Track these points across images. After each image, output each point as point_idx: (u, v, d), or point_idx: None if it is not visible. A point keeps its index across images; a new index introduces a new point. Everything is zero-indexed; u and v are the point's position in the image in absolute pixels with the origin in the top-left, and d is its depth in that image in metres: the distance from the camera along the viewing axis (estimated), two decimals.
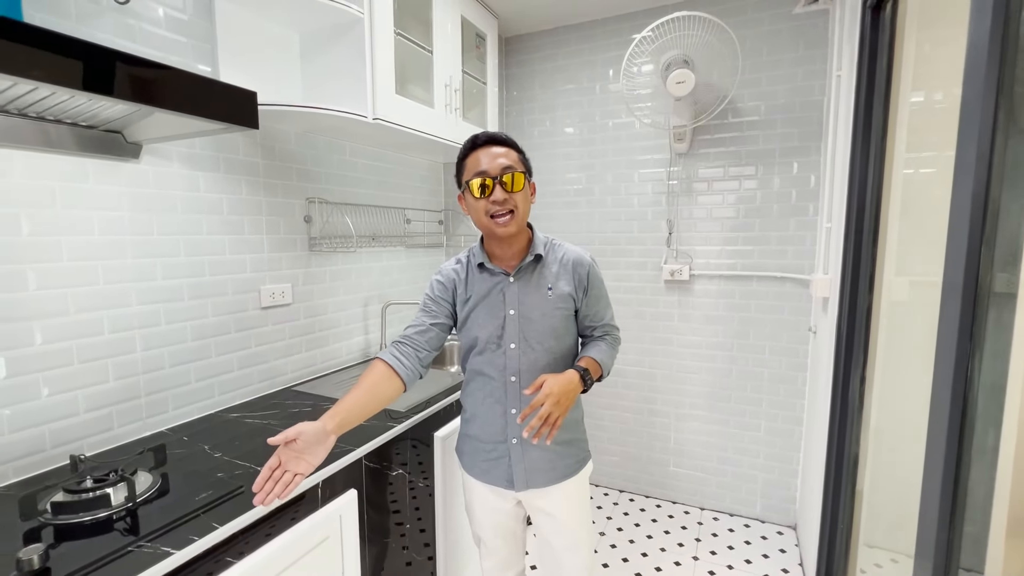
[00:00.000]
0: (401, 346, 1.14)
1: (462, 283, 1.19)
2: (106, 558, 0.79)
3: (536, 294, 1.14)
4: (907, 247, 1.49)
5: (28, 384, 1.07)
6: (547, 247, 1.18)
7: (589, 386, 1.12)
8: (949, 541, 0.97)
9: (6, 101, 0.91)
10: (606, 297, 1.23)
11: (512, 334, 1.13)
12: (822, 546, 1.72)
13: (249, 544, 0.94)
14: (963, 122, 0.86)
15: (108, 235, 1.19)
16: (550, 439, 1.04)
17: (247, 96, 1.00)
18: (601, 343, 1.21)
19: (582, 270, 1.17)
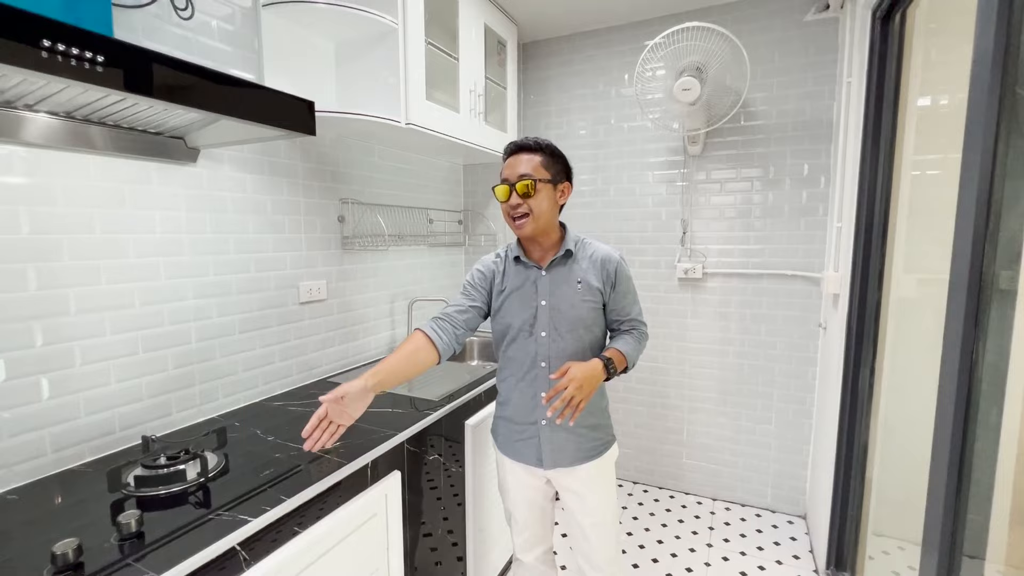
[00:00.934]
0: (440, 322, 1.24)
1: (500, 274, 1.29)
2: (191, 524, 0.88)
3: (566, 286, 1.23)
4: (915, 245, 1.57)
5: (99, 372, 1.16)
6: (578, 245, 1.27)
7: (612, 375, 1.20)
8: (954, 530, 1.04)
9: (91, 111, 0.99)
10: (633, 293, 1.30)
11: (543, 323, 1.23)
12: (832, 533, 1.80)
13: (306, 517, 1.02)
14: (969, 125, 0.94)
15: (168, 233, 1.28)
16: (572, 420, 1.13)
17: (306, 106, 1.09)
18: (627, 336, 1.28)
19: (610, 266, 1.25)
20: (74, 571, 0.75)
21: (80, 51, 0.70)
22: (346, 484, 1.11)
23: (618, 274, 1.25)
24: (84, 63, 0.71)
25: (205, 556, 0.81)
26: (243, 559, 0.88)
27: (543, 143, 1.22)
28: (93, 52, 0.71)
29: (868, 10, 1.59)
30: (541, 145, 1.22)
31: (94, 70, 0.72)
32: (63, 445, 1.10)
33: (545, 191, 1.20)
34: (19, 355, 1.03)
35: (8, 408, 1.01)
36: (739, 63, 1.98)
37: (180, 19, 1.22)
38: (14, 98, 0.89)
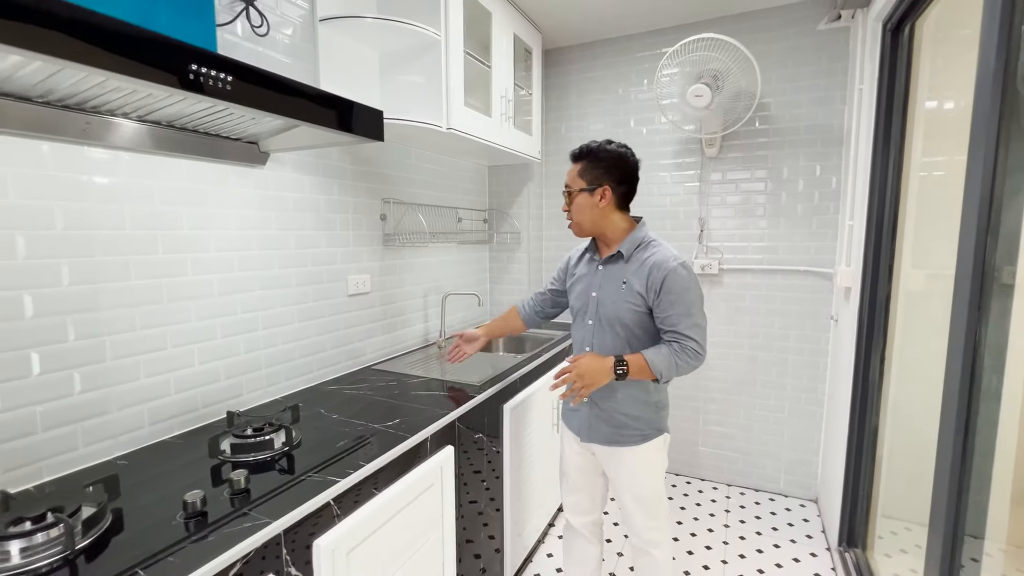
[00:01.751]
0: (530, 299, 1.64)
1: (575, 262, 1.49)
2: (288, 483, 1.00)
3: (612, 284, 1.35)
4: (922, 242, 1.68)
5: (185, 354, 1.29)
6: (638, 247, 1.32)
7: (620, 375, 1.25)
8: (957, 510, 1.15)
9: (188, 120, 1.12)
10: (684, 305, 1.25)
11: (591, 312, 1.37)
12: (844, 512, 1.91)
13: (380, 482, 1.14)
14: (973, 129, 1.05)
15: (240, 230, 1.40)
16: (574, 403, 1.38)
17: (377, 114, 1.21)
18: (663, 347, 1.28)
19: (657, 274, 1.26)
20: (201, 517, 0.87)
21: (216, 73, 0.82)
22: (409, 455, 1.23)
23: (665, 283, 1.24)
24: (218, 83, 0.83)
25: (308, 508, 0.93)
26: (335, 513, 1.00)
27: (585, 149, 1.33)
28: (226, 73, 0.84)
29: (879, 22, 1.71)
30: (583, 152, 1.34)
31: (225, 88, 0.85)
32: (157, 419, 1.23)
33: (581, 199, 1.33)
34: (121, 338, 1.15)
35: (112, 385, 1.14)
36: (751, 71, 2.10)
37: (256, 36, 1.35)
38: (117, 107, 1.02)
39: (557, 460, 2.18)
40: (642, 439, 1.38)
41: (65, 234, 1.04)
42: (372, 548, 1.08)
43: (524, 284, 2.72)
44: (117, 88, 0.87)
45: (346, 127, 1.13)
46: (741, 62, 2.08)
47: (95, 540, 0.81)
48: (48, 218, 1.01)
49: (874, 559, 1.85)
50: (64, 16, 0.66)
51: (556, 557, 2.02)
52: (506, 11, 2.15)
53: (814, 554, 2.01)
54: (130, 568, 0.74)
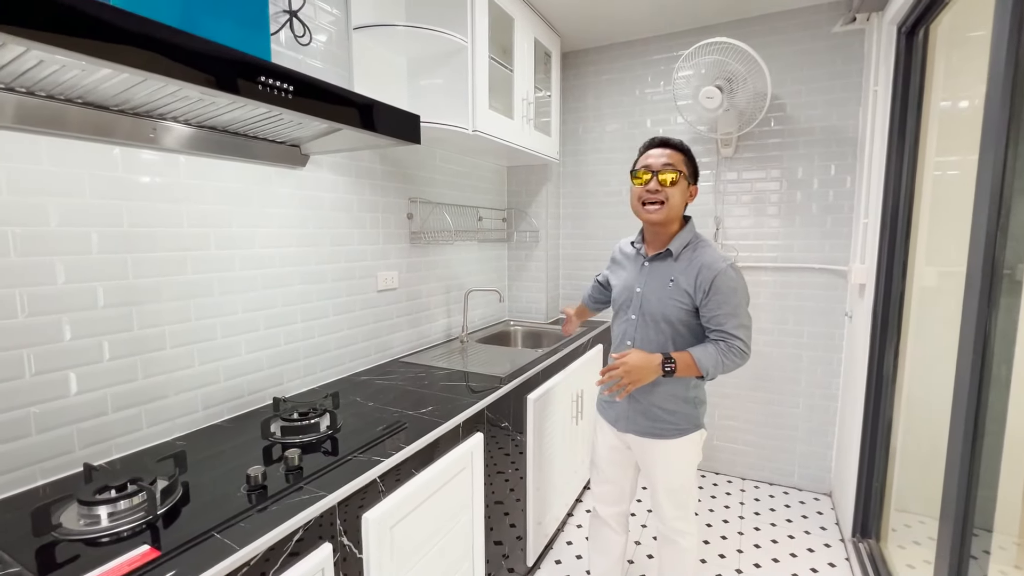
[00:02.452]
0: (589, 288, 1.79)
1: (620, 256, 1.53)
2: (336, 462, 1.08)
3: (659, 281, 1.37)
4: (936, 240, 1.73)
5: (233, 344, 1.37)
6: (687, 246, 1.35)
7: (668, 372, 1.29)
8: (967, 504, 1.20)
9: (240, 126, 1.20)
10: (733, 306, 1.28)
11: (635, 307, 1.41)
12: (858, 503, 1.96)
13: (418, 464, 1.22)
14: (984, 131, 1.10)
15: (282, 228, 1.49)
16: (620, 397, 1.36)
17: (414, 118, 1.29)
18: (710, 345, 1.30)
19: (707, 274, 1.28)
20: (262, 490, 0.95)
21: (282, 83, 0.90)
22: (444, 440, 1.31)
23: (714, 284, 1.27)
24: (282, 93, 0.91)
25: (357, 483, 1.01)
26: (380, 490, 1.08)
27: (685, 145, 1.37)
28: (289, 84, 0.92)
29: (894, 25, 1.75)
30: (684, 146, 1.36)
31: (287, 97, 0.92)
32: (209, 404, 1.31)
33: (682, 185, 1.33)
34: (178, 328, 1.24)
35: (171, 371, 1.23)
36: (762, 74, 2.14)
37: (299, 45, 1.43)
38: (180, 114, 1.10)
39: (577, 451, 2.25)
40: (679, 433, 1.40)
41: (131, 231, 1.13)
42: (411, 525, 1.16)
43: (542, 281, 2.79)
44: (186, 97, 0.95)
45: (387, 131, 1.20)
46: (753, 65, 2.13)
47: (171, 508, 0.89)
48: (117, 216, 1.10)
49: (888, 550, 1.89)
50: (156, 37, 0.74)
51: (575, 545, 2.09)
52: (527, 16, 2.22)
53: (828, 544, 2.06)
54: (207, 532, 0.82)
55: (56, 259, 1.01)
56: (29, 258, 0.97)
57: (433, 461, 1.26)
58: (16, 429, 0.97)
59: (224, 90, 0.83)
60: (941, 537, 1.28)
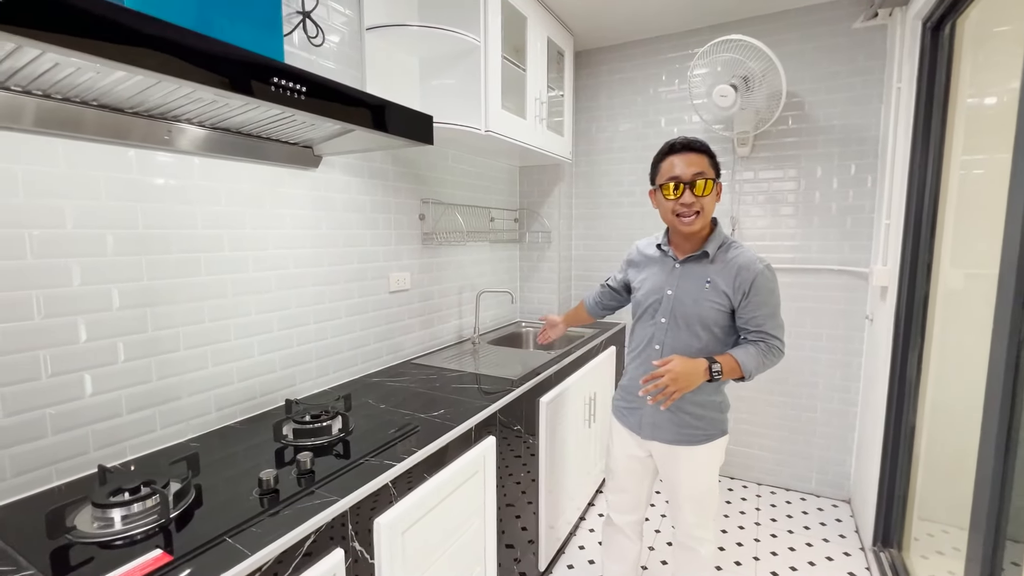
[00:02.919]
0: (596, 292, 1.73)
1: (642, 258, 1.48)
2: (348, 466, 1.07)
3: (694, 283, 1.32)
4: (963, 241, 1.67)
5: (246, 345, 1.37)
6: (722, 247, 1.32)
7: (716, 378, 1.25)
8: (999, 514, 1.16)
9: (253, 127, 1.20)
10: (771, 307, 1.28)
11: (665, 310, 1.35)
12: (879, 511, 1.91)
13: (430, 467, 1.21)
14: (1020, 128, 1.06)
15: (295, 229, 1.48)
16: (664, 406, 1.28)
17: (427, 119, 1.27)
18: (750, 346, 1.28)
19: (746, 275, 1.26)
20: (274, 494, 0.95)
21: (295, 84, 0.89)
22: (456, 444, 1.29)
23: (754, 285, 1.26)
24: (295, 94, 0.90)
25: (369, 488, 1.00)
26: (392, 494, 1.07)
27: (707, 144, 1.30)
28: (302, 85, 0.91)
29: (918, 21, 1.70)
30: (707, 146, 1.30)
31: (299, 99, 0.92)
32: (222, 405, 1.31)
33: (714, 191, 1.28)
34: (192, 329, 1.24)
35: (184, 373, 1.23)
36: (777, 73, 2.09)
37: (312, 46, 1.43)
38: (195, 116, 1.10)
39: (589, 454, 2.23)
40: (706, 439, 1.37)
41: (146, 233, 1.13)
42: (423, 530, 1.15)
43: (554, 283, 2.77)
44: (200, 99, 0.95)
45: (400, 132, 1.19)
46: (769, 63, 2.08)
47: (184, 511, 0.89)
48: (132, 218, 1.10)
49: (910, 560, 1.84)
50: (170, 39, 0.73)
51: (587, 549, 2.06)
52: (541, 15, 2.20)
53: (847, 553, 2.01)
54: (219, 536, 0.82)
55: (72, 261, 1.01)
56: (46, 260, 0.98)
57: (445, 465, 1.25)
58: (33, 430, 0.97)
59: (238, 91, 0.83)
60: (971, 547, 1.24)
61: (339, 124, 1.10)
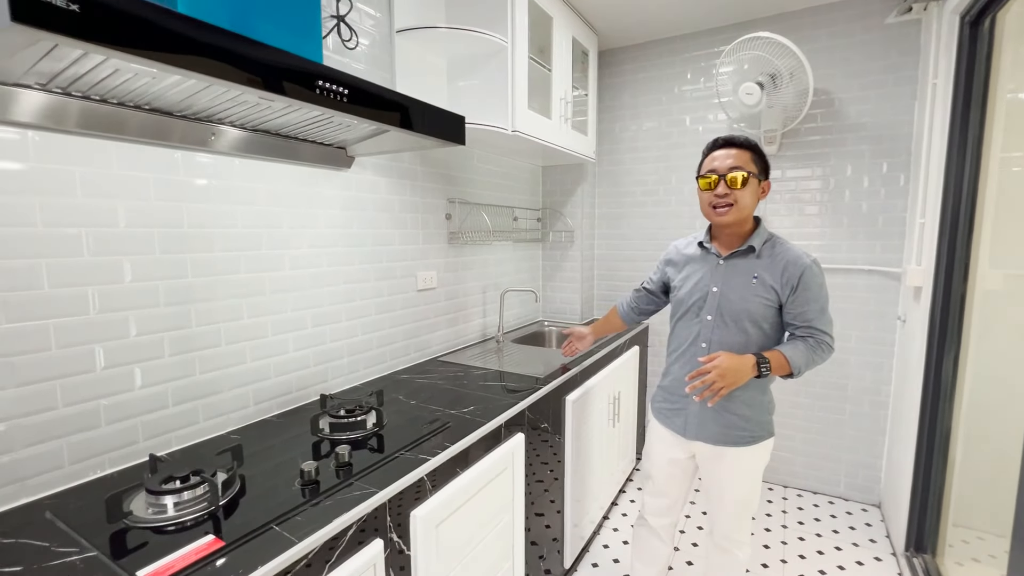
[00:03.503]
0: (629, 298, 1.67)
1: (681, 257, 1.45)
2: (384, 459, 1.09)
3: (740, 278, 1.31)
4: (1002, 241, 1.63)
5: (282, 342, 1.41)
6: (767, 243, 1.32)
7: (764, 374, 1.23)
8: None
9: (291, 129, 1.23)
10: (819, 302, 1.27)
11: (711, 307, 1.33)
12: (912, 516, 1.87)
13: (462, 463, 1.22)
14: None
15: (328, 228, 1.52)
16: (712, 403, 1.26)
17: (459, 120, 1.29)
18: (799, 342, 1.27)
19: (794, 270, 1.25)
20: (315, 485, 0.97)
21: (337, 87, 0.92)
22: (486, 440, 1.31)
23: (802, 281, 1.25)
24: (335, 95, 0.93)
25: (406, 481, 1.02)
26: (428, 487, 1.09)
27: (751, 142, 1.30)
28: (343, 87, 0.94)
29: (956, 15, 1.66)
30: (750, 143, 1.30)
31: (341, 101, 0.94)
32: (260, 400, 1.35)
33: (752, 185, 1.28)
34: (232, 326, 1.28)
35: (225, 367, 1.27)
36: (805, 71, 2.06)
37: (346, 49, 1.46)
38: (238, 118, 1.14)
39: (613, 453, 2.23)
40: (752, 440, 1.35)
41: (190, 232, 1.17)
42: (456, 524, 1.17)
43: (577, 281, 2.77)
44: (245, 101, 0.98)
45: (434, 132, 1.22)
46: (796, 60, 2.05)
47: (231, 499, 0.92)
48: (177, 217, 1.15)
49: (944, 565, 1.80)
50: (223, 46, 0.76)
51: (612, 548, 2.06)
52: (566, 15, 2.20)
53: (878, 558, 1.97)
54: (266, 524, 0.85)
55: (124, 259, 1.06)
56: (100, 257, 1.02)
57: (476, 461, 1.26)
58: (88, 420, 1.02)
59: (283, 94, 0.85)
60: (1013, 555, 1.21)
61: (375, 125, 1.13)
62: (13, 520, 0.87)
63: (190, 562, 0.75)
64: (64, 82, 0.85)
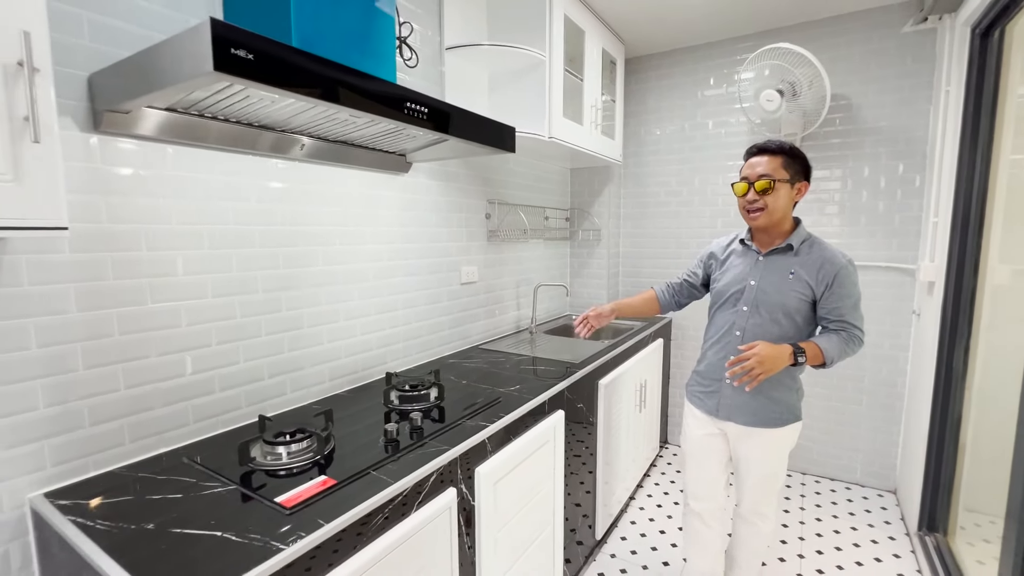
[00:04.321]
0: (668, 286, 1.74)
1: (724, 252, 1.57)
2: (447, 426, 1.27)
3: (777, 274, 1.42)
4: (1011, 239, 1.74)
5: (351, 327, 1.60)
6: (805, 242, 1.42)
7: (800, 363, 1.34)
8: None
9: (364, 140, 1.41)
10: (853, 299, 1.37)
11: (747, 299, 1.45)
12: (924, 496, 1.99)
13: (513, 432, 1.39)
14: None
15: (387, 226, 1.70)
16: (749, 388, 1.37)
17: (510, 130, 1.46)
18: (833, 335, 1.37)
19: (830, 268, 1.35)
20: (396, 443, 1.15)
21: (420, 107, 1.10)
22: (532, 414, 1.47)
23: (837, 278, 1.35)
24: (418, 113, 1.11)
25: (472, 442, 1.19)
26: (488, 449, 1.26)
27: (785, 146, 1.39)
28: (424, 107, 1.11)
29: (967, 26, 1.78)
30: (784, 148, 1.39)
31: (422, 118, 1.12)
32: (335, 377, 1.54)
33: (783, 190, 1.37)
34: (312, 311, 1.47)
35: (307, 347, 1.46)
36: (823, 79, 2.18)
37: (407, 67, 1.64)
38: (327, 132, 1.32)
39: (640, 437, 2.37)
40: (780, 423, 1.45)
41: (281, 229, 1.36)
42: (508, 485, 1.34)
43: (603, 278, 2.92)
44: (335, 118, 1.16)
45: (489, 141, 1.39)
46: (815, 69, 2.18)
47: (330, 452, 1.10)
48: (273, 217, 1.34)
49: (956, 545, 1.91)
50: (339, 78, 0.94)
51: (639, 524, 2.21)
52: (596, 28, 2.36)
53: (892, 537, 2.09)
54: (364, 470, 1.03)
55: (232, 252, 1.25)
56: (215, 251, 1.21)
57: (525, 431, 1.43)
58: (206, 387, 1.21)
59: (386, 116, 1.04)
60: (1007, 532, 1.32)
61: (438, 135, 1.30)
62: (161, 464, 1.07)
63: (313, 493, 0.93)
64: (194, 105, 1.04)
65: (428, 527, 1.05)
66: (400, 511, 1.00)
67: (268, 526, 0.84)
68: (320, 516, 0.86)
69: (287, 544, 0.78)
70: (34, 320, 0.93)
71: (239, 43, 0.74)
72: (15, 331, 0.91)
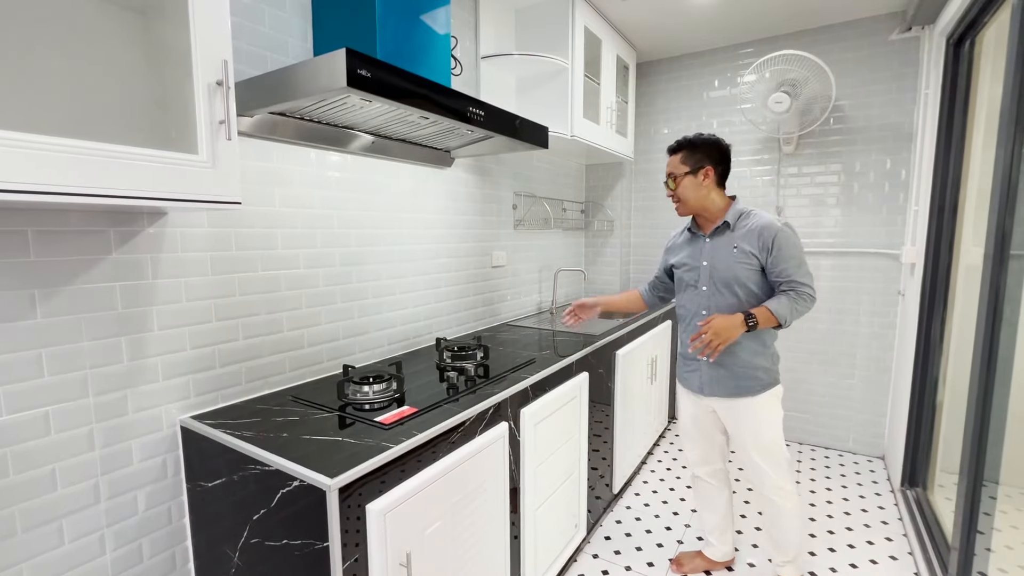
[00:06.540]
0: (649, 284, 1.90)
1: (676, 243, 1.76)
2: (495, 378, 1.52)
3: (723, 251, 1.55)
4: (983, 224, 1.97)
5: (404, 300, 1.85)
6: (740, 217, 1.55)
7: (752, 326, 1.45)
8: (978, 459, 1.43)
9: (420, 137, 1.66)
10: (796, 258, 1.46)
11: (704, 279, 1.60)
12: (906, 458, 2.22)
13: (546, 386, 1.64)
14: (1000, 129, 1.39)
15: (433, 214, 1.95)
16: (712, 358, 1.53)
17: (544, 129, 1.71)
18: (782, 296, 1.47)
19: (767, 234, 1.47)
20: (455, 388, 1.40)
21: (479, 111, 1.35)
22: (561, 373, 1.72)
23: (775, 242, 1.45)
24: (477, 116, 1.36)
25: (517, 388, 1.45)
26: (530, 395, 1.51)
27: (683, 141, 1.57)
28: (482, 111, 1.36)
29: (943, 36, 2.01)
30: (683, 143, 1.57)
31: (479, 120, 1.37)
32: (392, 341, 1.80)
33: (686, 181, 1.56)
34: (375, 284, 1.72)
35: (371, 315, 1.71)
36: (826, 79, 2.42)
37: (453, 76, 1.89)
38: (393, 132, 1.57)
39: (651, 407, 2.62)
40: (762, 388, 1.55)
41: (352, 215, 1.62)
42: (545, 429, 1.58)
43: (616, 265, 3.17)
44: (406, 120, 1.41)
45: (529, 139, 1.64)
46: (817, 72, 2.42)
47: (404, 392, 1.36)
48: (346, 204, 1.59)
49: (934, 498, 2.15)
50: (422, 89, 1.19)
51: (650, 483, 2.46)
52: (612, 36, 2.60)
53: (878, 493, 2.33)
54: (436, 403, 1.28)
55: (316, 231, 1.51)
56: (305, 230, 1.47)
57: (558, 384, 1.68)
58: (298, 342, 1.47)
59: (458, 120, 1.29)
60: (959, 487, 1.54)
61: (484, 132, 1.55)
62: (271, 401, 1.32)
63: (404, 415, 1.18)
64: (300, 111, 1.29)
65: (488, 449, 1.30)
66: (469, 433, 1.25)
67: (374, 435, 1.09)
68: (413, 429, 1.11)
69: (395, 444, 1.04)
70: (185, 280, 1.19)
71: (364, 65, 0.99)
72: (176, 288, 1.17)
